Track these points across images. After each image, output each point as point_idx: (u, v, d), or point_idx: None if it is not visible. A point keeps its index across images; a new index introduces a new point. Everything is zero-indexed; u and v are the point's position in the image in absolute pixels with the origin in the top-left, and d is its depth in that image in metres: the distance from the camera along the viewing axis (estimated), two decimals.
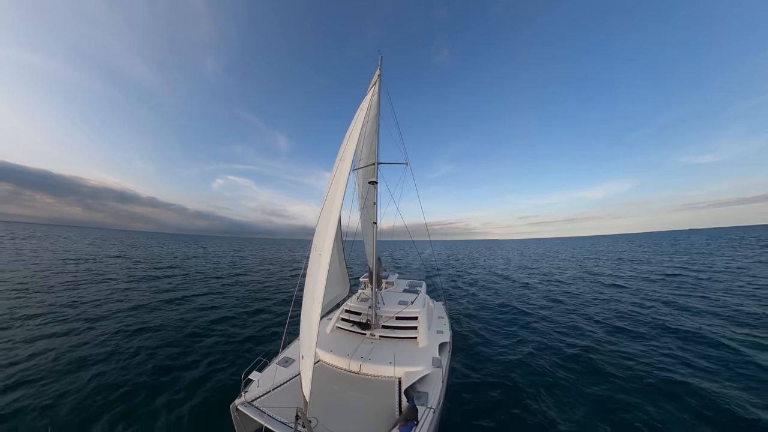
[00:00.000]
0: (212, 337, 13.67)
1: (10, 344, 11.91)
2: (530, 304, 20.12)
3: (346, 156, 7.46)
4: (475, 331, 14.62)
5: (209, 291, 24.35)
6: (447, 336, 9.92)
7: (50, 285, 23.09)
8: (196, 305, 19.48)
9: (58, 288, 22.23)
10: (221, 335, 13.97)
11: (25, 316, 15.31)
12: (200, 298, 21.61)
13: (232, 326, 15.41)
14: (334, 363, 8.39)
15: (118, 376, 9.94)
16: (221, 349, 12.36)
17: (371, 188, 9.94)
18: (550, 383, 9.61)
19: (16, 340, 12.29)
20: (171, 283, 26.84)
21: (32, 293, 20.23)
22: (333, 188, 6.94)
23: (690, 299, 19.56)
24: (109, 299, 19.87)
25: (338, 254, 9.18)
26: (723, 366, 10.39)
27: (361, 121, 8.18)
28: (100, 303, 18.86)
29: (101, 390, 9.09)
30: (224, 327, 15.25)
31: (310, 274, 6.34)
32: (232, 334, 14.14)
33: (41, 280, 24.64)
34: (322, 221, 6.63)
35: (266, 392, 7.23)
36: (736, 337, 12.70)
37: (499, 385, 9.51)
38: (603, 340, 12.92)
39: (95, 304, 18.45)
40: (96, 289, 22.64)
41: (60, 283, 24.11)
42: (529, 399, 8.80)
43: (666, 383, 9.41)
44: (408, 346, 8.81)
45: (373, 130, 10.59)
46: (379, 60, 11.32)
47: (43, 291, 21.07)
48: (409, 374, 7.34)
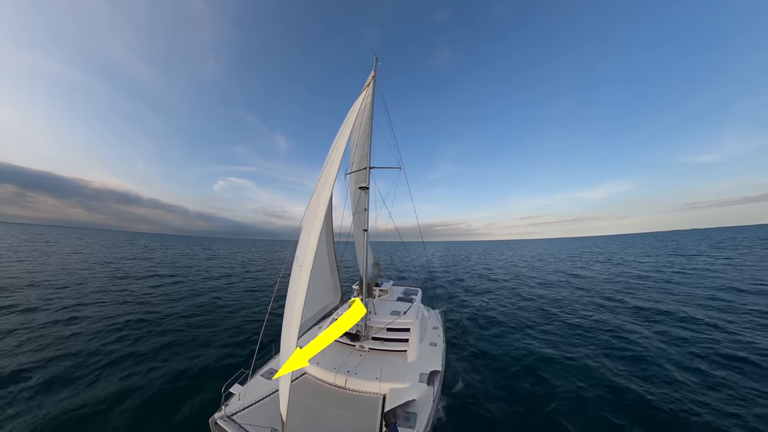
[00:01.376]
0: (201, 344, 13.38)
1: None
2: (527, 313, 19.70)
3: (333, 161, 7.09)
4: (471, 343, 13.95)
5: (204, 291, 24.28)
6: (440, 350, 9.47)
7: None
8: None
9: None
10: (208, 343, 13.65)
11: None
12: (199, 298, 21.52)
13: (222, 333, 15.09)
14: (320, 376, 8.02)
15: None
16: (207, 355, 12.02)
17: (363, 194, 9.56)
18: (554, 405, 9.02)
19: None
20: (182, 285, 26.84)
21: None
22: (317, 195, 6.54)
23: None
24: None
25: (329, 262, 8.80)
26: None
27: (351, 124, 7.82)
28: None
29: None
30: (209, 332, 14.91)
31: (291, 287, 5.99)
32: (219, 341, 13.82)
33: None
34: (305, 231, 6.24)
35: (247, 406, 6.90)
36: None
37: (497, 404, 8.99)
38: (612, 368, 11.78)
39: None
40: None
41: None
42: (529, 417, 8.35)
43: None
44: (397, 360, 8.40)
45: (366, 133, 10.21)
46: (374, 61, 10.95)
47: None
48: (394, 391, 6.95)
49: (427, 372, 7.73)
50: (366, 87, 10.02)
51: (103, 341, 13.17)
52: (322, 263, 8.22)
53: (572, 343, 13.76)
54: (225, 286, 28.00)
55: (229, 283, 29.73)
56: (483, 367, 11.31)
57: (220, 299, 22.55)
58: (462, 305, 21.95)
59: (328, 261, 8.91)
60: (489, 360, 11.99)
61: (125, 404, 8.77)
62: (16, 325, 14.63)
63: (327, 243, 8.69)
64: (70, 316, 16.47)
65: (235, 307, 20.54)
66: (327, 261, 8.80)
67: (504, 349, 13.26)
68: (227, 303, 21.50)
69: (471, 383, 9.97)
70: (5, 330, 13.88)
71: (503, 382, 10.11)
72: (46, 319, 15.68)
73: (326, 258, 8.64)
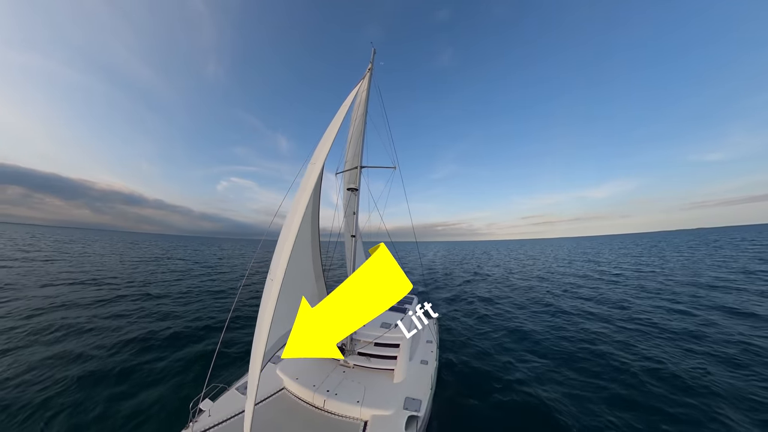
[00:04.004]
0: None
1: None
2: (526, 321, 18.64)
3: (317, 159, 6.37)
4: (467, 362, 12.13)
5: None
6: (431, 369, 8.61)
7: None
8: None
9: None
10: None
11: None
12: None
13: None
14: (298, 394, 7.32)
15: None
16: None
17: (352, 195, 8.82)
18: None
19: None
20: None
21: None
22: (296, 200, 5.80)
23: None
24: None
25: (314, 271, 8.06)
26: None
27: (340, 120, 7.08)
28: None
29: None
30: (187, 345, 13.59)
31: (262, 302, 5.29)
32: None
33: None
34: (280, 240, 5.53)
35: (217, 423, 6.23)
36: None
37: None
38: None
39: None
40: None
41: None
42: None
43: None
44: (383, 381, 7.64)
45: (360, 130, 9.46)
46: (372, 54, 10.17)
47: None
48: (376, 419, 6.22)
49: (413, 397, 6.97)
50: (361, 81, 9.28)
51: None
52: (303, 274, 7.47)
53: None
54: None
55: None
56: (477, 388, 9.97)
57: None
58: (458, 311, 20.92)
59: (313, 270, 8.15)
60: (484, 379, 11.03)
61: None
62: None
63: (312, 250, 7.95)
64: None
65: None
66: (312, 270, 8.04)
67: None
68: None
69: (467, 410, 8.78)
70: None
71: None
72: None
73: (310, 267, 7.89)
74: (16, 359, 10.88)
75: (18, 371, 10.01)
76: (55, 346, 12.16)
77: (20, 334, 13.21)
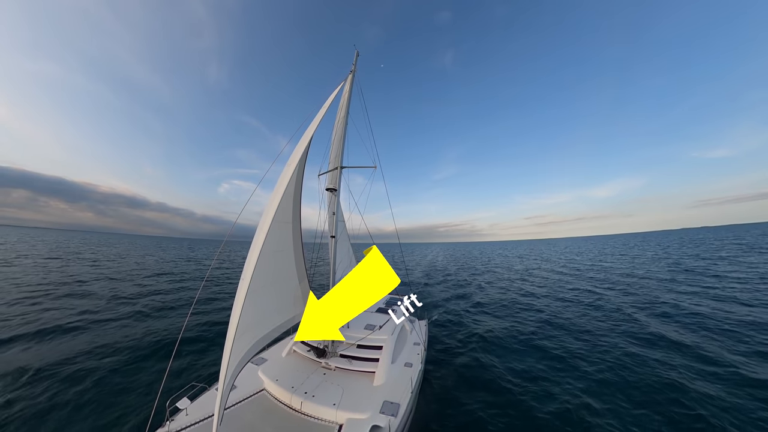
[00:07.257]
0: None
1: None
2: (524, 324, 18.24)
3: (293, 160, 6.37)
4: (454, 365, 11.65)
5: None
6: (415, 371, 8.38)
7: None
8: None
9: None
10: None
11: None
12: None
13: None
14: (277, 395, 7.22)
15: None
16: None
17: (332, 197, 8.80)
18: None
19: None
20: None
21: None
22: (272, 198, 5.80)
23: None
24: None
25: (298, 272, 7.99)
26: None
27: (318, 121, 7.10)
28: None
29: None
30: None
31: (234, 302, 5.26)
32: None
33: None
34: (255, 240, 5.52)
35: (194, 423, 6.14)
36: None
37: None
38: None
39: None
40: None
41: None
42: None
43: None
44: (362, 383, 7.54)
45: (342, 131, 9.48)
46: (355, 56, 10.26)
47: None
48: (352, 422, 6.13)
49: (392, 401, 6.86)
50: (343, 82, 9.33)
51: None
52: (284, 275, 7.41)
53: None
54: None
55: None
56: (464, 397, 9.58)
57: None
58: (449, 314, 20.58)
59: (297, 271, 8.08)
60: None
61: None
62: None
63: (295, 251, 7.90)
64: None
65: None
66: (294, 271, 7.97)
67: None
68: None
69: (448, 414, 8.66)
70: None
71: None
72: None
73: (293, 268, 7.82)
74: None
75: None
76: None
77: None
